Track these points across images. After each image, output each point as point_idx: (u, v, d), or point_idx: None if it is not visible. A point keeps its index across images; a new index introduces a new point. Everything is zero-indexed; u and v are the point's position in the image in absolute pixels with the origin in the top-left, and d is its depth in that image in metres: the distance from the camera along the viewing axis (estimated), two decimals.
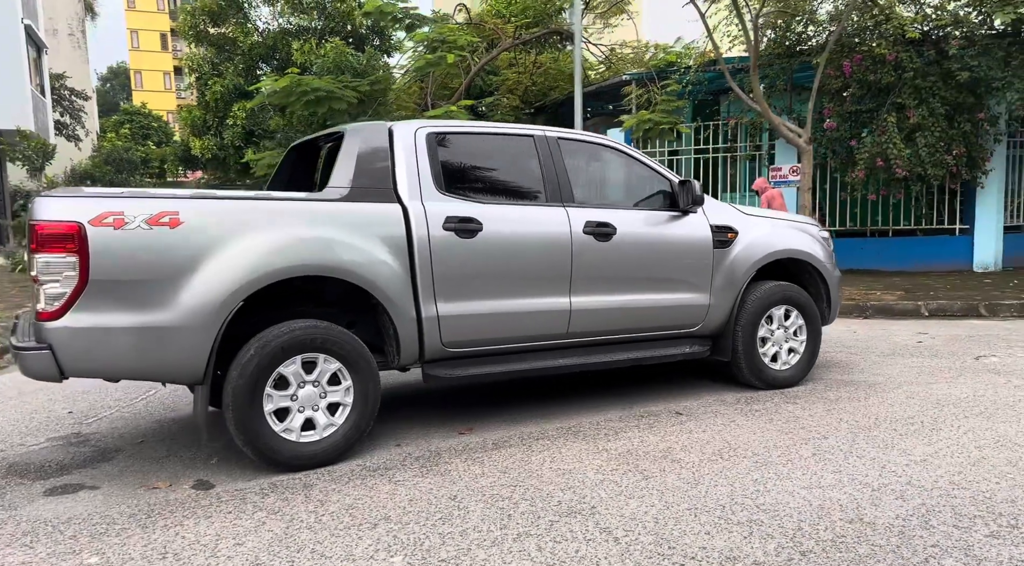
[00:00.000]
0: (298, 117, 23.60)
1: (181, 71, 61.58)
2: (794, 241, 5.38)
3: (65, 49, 38.59)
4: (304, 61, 24.45)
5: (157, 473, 3.95)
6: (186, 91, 29.81)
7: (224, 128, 25.31)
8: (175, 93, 62.34)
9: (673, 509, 3.27)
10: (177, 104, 61.17)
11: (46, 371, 3.45)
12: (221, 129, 25.49)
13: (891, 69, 11.25)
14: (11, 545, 3.11)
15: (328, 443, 3.96)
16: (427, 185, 4.27)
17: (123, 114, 45.00)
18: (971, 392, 5.11)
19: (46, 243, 3.39)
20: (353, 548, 3.00)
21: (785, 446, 4.07)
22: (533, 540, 3.01)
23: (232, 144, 25.00)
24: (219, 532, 3.19)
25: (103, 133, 40.73)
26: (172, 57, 62.61)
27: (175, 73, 62.64)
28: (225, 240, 3.69)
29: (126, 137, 39.97)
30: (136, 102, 49.25)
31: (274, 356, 3.79)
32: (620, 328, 4.82)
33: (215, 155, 25.47)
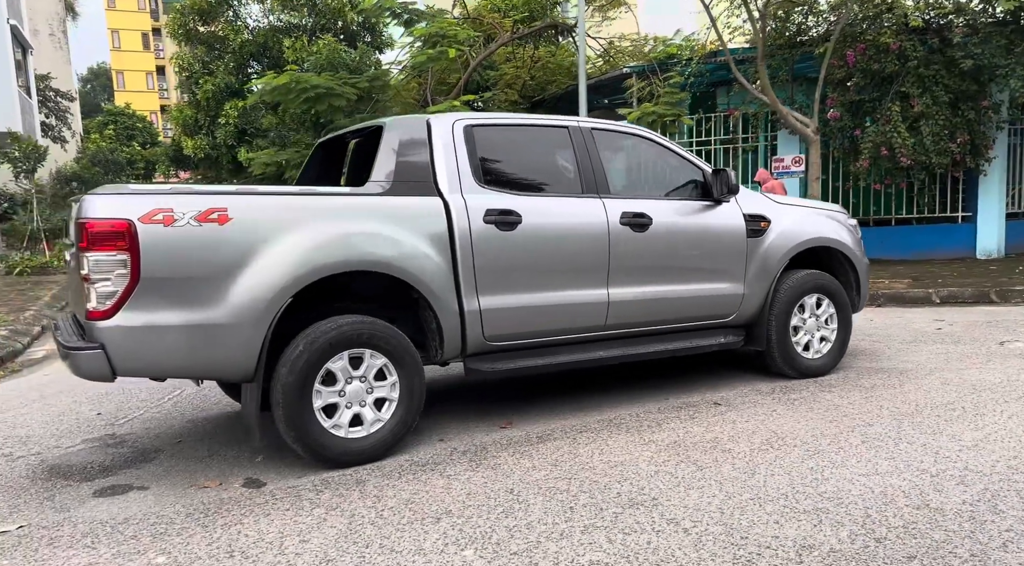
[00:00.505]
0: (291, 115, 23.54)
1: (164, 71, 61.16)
2: (825, 229, 5.38)
3: (47, 50, 38.19)
4: (296, 58, 24.29)
5: (204, 472, 3.91)
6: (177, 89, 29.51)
7: (216, 127, 25.14)
8: (158, 93, 61.86)
9: (735, 499, 3.26)
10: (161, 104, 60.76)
11: (98, 371, 3.40)
12: (213, 128, 25.32)
13: (894, 58, 11.28)
14: (73, 546, 3.06)
15: (376, 438, 3.93)
16: (466, 178, 4.24)
17: (107, 115, 44.56)
18: (1004, 377, 5.13)
19: (96, 241, 3.33)
20: (421, 542, 2.97)
21: (832, 434, 4.07)
22: (601, 532, 2.99)
23: (225, 143, 24.85)
24: (281, 529, 3.15)
25: (87, 134, 40.36)
26: (154, 57, 62.09)
27: (158, 73, 62.15)
28: (273, 236, 3.65)
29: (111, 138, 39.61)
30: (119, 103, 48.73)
31: (322, 352, 3.75)
32: (656, 319, 4.80)
33: (208, 154, 25.32)
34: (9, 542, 3.14)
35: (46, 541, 3.13)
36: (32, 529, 3.26)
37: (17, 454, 4.36)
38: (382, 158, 4.17)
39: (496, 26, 15.93)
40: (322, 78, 13.96)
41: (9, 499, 3.63)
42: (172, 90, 60.70)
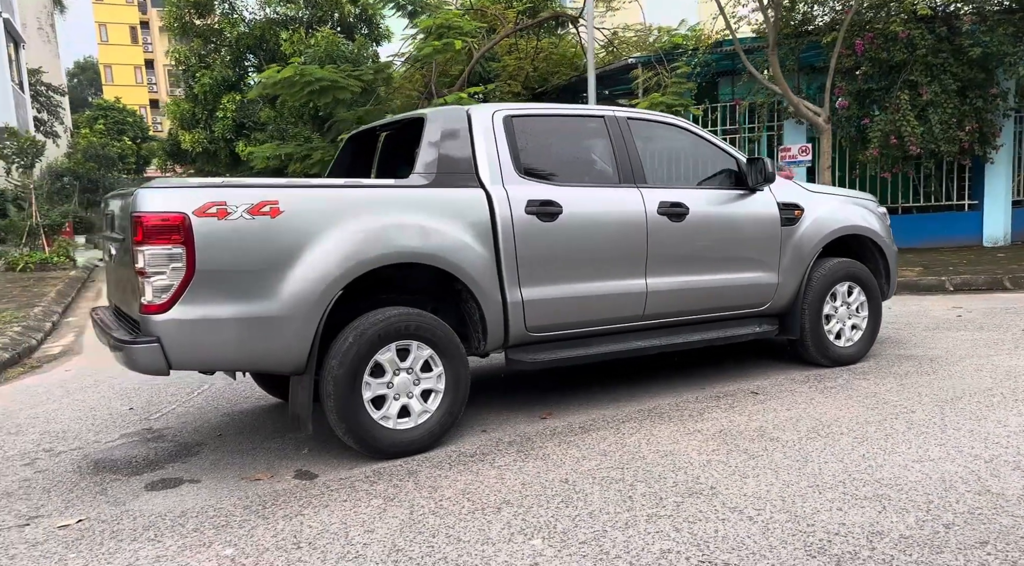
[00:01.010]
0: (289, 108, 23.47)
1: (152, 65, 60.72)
2: (857, 217, 5.39)
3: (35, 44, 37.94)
4: (293, 51, 24.17)
5: (252, 465, 3.90)
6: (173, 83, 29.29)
7: (214, 121, 25.04)
8: (147, 87, 61.41)
9: (793, 487, 3.27)
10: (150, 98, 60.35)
11: (154, 364, 3.38)
12: (211, 122, 25.21)
13: (903, 47, 11.28)
14: (137, 539, 3.05)
15: (424, 429, 3.92)
16: (507, 169, 4.22)
17: (96, 109, 44.24)
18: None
19: (152, 235, 3.31)
20: (487, 532, 2.97)
21: (877, 421, 4.08)
22: (666, 521, 2.99)
23: (223, 137, 24.76)
24: (343, 520, 3.15)
25: (76, 129, 40.09)
26: (143, 50, 61.59)
27: (146, 67, 61.67)
28: (323, 228, 3.64)
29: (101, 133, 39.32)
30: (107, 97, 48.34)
31: (371, 344, 3.75)
32: (693, 309, 4.81)
33: (205, 148, 25.19)
34: (72, 535, 3.13)
35: (108, 534, 3.12)
36: (92, 522, 3.25)
37: (58, 449, 4.34)
38: (425, 150, 4.15)
39: (499, 17, 15.86)
40: (326, 71, 13.89)
41: (62, 493, 3.62)
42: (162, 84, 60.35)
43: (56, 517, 3.34)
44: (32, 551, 3.00)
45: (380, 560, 2.80)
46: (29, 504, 3.50)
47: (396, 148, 5.25)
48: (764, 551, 2.71)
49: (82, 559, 2.92)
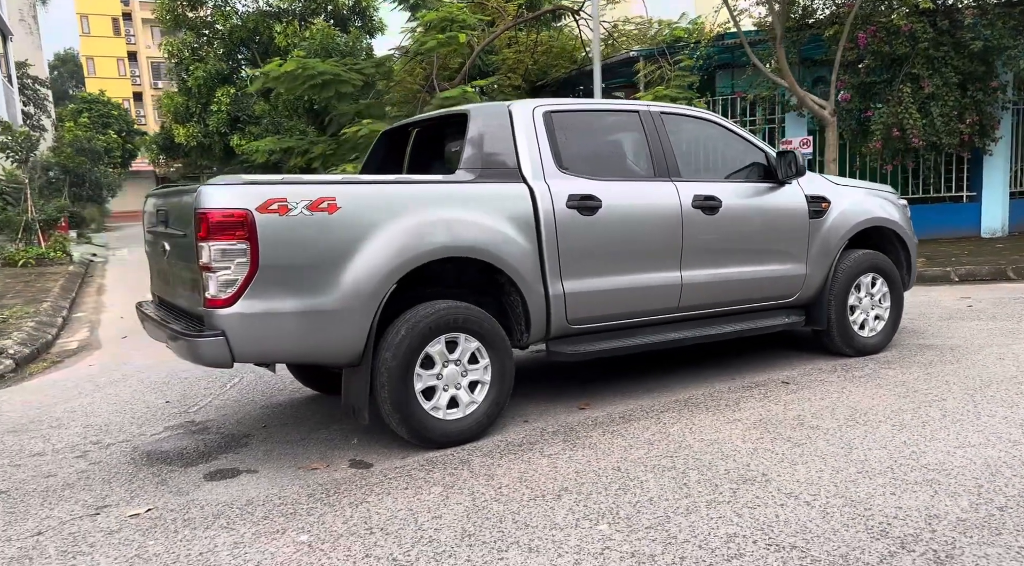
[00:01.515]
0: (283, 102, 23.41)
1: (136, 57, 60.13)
2: (880, 209, 5.50)
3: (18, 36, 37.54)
4: (287, 44, 24.14)
5: (304, 455, 3.97)
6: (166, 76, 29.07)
7: (208, 114, 24.99)
8: (131, 80, 60.82)
9: (843, 473, 3.37)
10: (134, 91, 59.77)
11: (219, 357, 3.46)
12: (204, 115, 25.15)
13: (905, 40, 11.41)
14: (210, 527, 3.12)
15: (472, 420, 4.01)
16: (548, 163, 4.29)
17: (80, 102, 43.86)
18: None
19: (216, 231, 3.38)
20: (552, 517, 3.06)
21: (911, 409, 4.19)
22: (726, 507, 3.09)
23: (217, 130, 24.71)
24: (408, 507, 3.23)
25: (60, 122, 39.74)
26: (126, 42, 60.94)
27: (130, 59, 61.03)
28: (378, 224, 3.71)
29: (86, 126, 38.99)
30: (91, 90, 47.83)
31: (423, 336, 3.82)
32: (725, 300, 4.90)
33: (200, 142, 25.11)
34: (144, 524, 3.19)
35: (181, 522, 3.19)
36: (161, 511, 3.31)
37: (106, 441, 4.38)
38: (469, 146, 4.22)
39: (499, 10, 15.88)
40: (328, 64, 13.87)
41: (122, 484, 3.67)
42: (145, 77, 59.80)
43: (123, 506, 3.40)
44: (110, 539, 3.07)
45: (453, 544, 2.88)
46: (93, 494, 3.56)
47: (427, 144, 5.31)
48: (828, 534, 2.80)
49: (160, 546, 2.98)
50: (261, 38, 24.80)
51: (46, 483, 3.76)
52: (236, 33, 24.95)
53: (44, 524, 3.26)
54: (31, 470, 3.97)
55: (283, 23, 24.98)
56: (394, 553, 2.85)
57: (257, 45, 25.25)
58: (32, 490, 3.67)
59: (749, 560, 2.65)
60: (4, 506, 3.48)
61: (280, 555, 2.88)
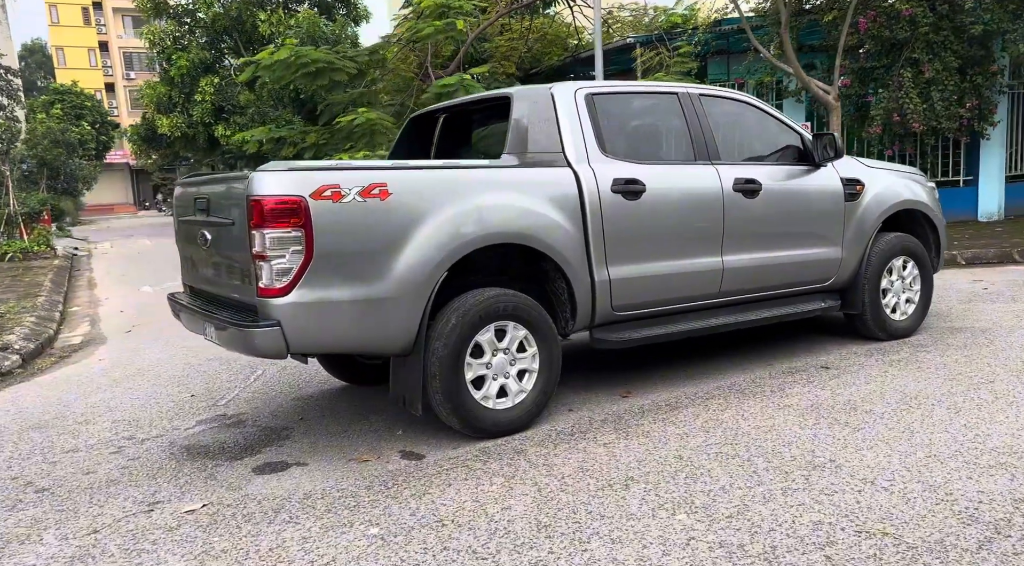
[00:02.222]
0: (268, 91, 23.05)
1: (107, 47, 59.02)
2: (912, 192, 5.46)
3: None
4: (272, 32, 23.77)
5: (351, 447, 3.87)
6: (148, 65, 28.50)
7: (191, 104, 24.56)
8: (102, 70, 59.77)
9: (912, 458, 3.32)
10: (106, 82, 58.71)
11: (274, 348, 3.35)
12: (188, 106, 24.73)
13: (905, 24, 11.42)
14: (273, 522, 3.03)
15: (521, 409, 3.92)
16: (591, 147, 4.20)
17: (52, 93, 43.02)
18: None
19: (271, 219, 3.27)
20: (626, 507, 2.98)
21: (961, 393, 4.16)
22: (803, 494, 3.03)
23: (201, 121, 24.31)
24: (474, 498, 3.15)
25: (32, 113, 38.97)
26: (96, 32, 59.81)
27: (101, 49, 59.94)
28: (429, 210, 3.61)
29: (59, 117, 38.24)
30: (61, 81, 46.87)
31: (473, 325, 3.73)
32: (764, 285, 4.85)
33: (184, 133, 24.69)
34: (203, 520, 3.08)
35: (241, 517, 3.09)
36: (218, 507, 3.21)
37: (139, 436, 4.25)
38: (514, 130, 4.12)
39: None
40: (321, 52, 13.65)
41: (169, 479, 3.56)
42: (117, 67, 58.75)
43: (176, 502, 3.29)
44: (171, 536, 2.96)
45: (531, 536, 2.80)
46: (141, 491, 3.44)
47: (454, 130, 5.21)
48: (916, 520, 2.75)
49: (226, 542, 2.88)
50: (245, 26, 24.34)
51: (88, 480, 3.63)
52: (219, 21, 24.47)
53: (98, 522, 3.14)
54: (68, 466, 3.83)
55: (267, 11, 24.56)
56: (472, 545, 2.76)
57: (240, 33, 24.81)
58: (75, 487, 3.54)
59: (842, 547, 2.59)
60: (51, 504, 3.35)
61: (354, 549, 2.79)
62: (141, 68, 59.36)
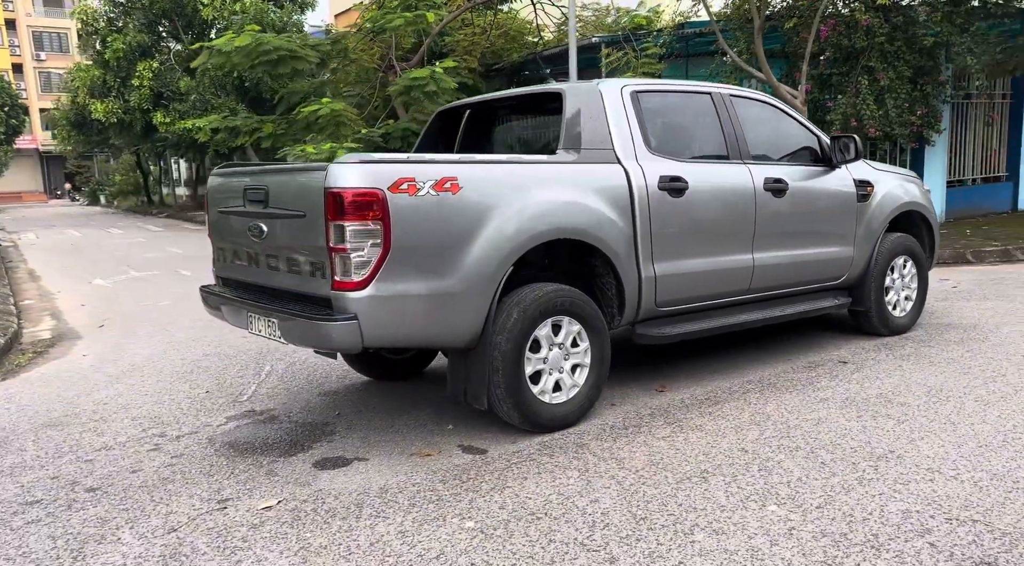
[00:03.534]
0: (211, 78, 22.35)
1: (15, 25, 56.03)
2: (914, 193, 5.70)
3: None
4: (215, 17, 23.07)
5: (406, 442, 3.84)
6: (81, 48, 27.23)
7: (128, 89, 23.62)
8: (9, 50, 56.77)
9: (966, 448, 3.48)
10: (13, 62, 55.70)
11: (350, 342, 3.30)
12: (124, 90, 23.76)
13: (863, 34, 11.86)
14: (360, 517, 3.00)
15: (575, 403, 3.95)
16: (639, 144, 4.25)
17: None
18: None
19: (350, 211, 3.21)
20: (715, 499, 3.04)
21: (982, 385, 4.37)
22: (879, 483, 3.14)
23: (139, 107, 23.39)
24: (557, 491, 3.17)
25: None
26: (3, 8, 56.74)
27: (7, 27, 56.90)
28: (496, 204, 3.61)
29: None
30: None
31: (533, 320, 3.74)
32: (787, 282, 4.99)
33: (120, 119, 23.71)
34: (284, 516, 3.02)
35: (324, 512, 3.04)
36: (295, 503, 3.15)
37: (171, 434, 4.10)
38: (567, 126, 4.13)
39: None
40: (283, 40, 13.35)
41: (226, 476, 3.46)
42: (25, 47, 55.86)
43: (246, 499, 3.20)
44: (259, 533, 2.88)
45: (632, 528, 2.83)
46: (202, 488, 3.34)
47: (480, 125, 5.19)
48: (996, 508, 2.89)
49: (323, 538, 2.83)
50: (185, 9, 23.55)
51: (138, 478, 3.49)
52: (158, 3, 23.59)
53: (172, 520, 3.03)
54: (108, 465, 3.67)
55: None
56: (576, 537, 2.78)
57: (180, 17, 24.00)
58: (129, 486, 3.40)
59: (940, 534, 2.70)
60: (111, 503, 3.21)
61: (457, 542, 2.77)
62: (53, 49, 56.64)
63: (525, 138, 5.19)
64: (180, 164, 40.70)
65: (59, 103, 32.01)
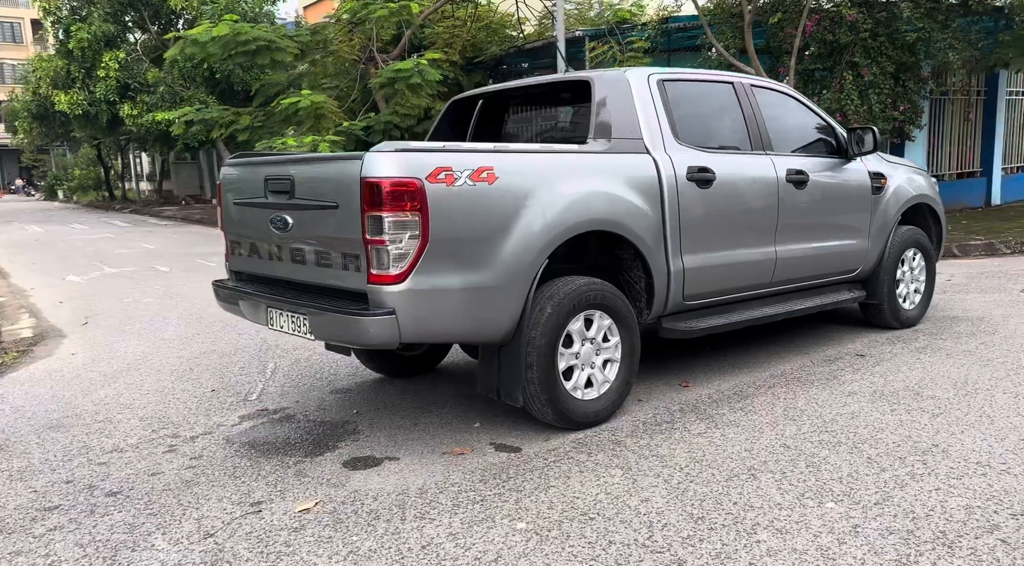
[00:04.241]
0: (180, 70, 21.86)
1: None
2: (923, 186, 5.69)
3: None
4: (182, 6, 22.55)
5: (435, 441, 3.72)
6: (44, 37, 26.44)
7: (93, 80, 22.99)
8: None
9: (1008, 441, 3.44)
10: None
11: (387, 337, 3.16)
12: (90, 82, 23.13)
13: (847, 29, 11.93)
14: (404, 519, 2.89)
15: (607, 399, 3.85)
16: (666, 134, 4.16)
17: None
18: None
19: (389, 202, 3.06)
20: (770, 497, 2.96)
21: (1006, 377, 4.35)
22: (931, 479, 3.08)
23: (105, 98, 22.78)
24: (605, 491, 3.09)
25: None
26: None
27: None
28: (531, 195, 3.49)
29: None
30: None
31: (567, 314, 3.63)
32: (807, 275, 4.94)
33: (86, 111, 23.06)
34: (324, 519, 2.90)
35: (367, 514, 2.93)
36: (333, 504, 3.03)
37: (185, 434, 3.93)
38: (597, 115, 4.02)
39: None
40: (262, 30, 13.04)
41: (253, 478, 3.31)
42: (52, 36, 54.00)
43: (279, 501, 3.07)
44: (301, 537, 2.75)
45: (692, 528, 2.74)
46: (230, 490, 3.19)
47: (492, 114, 5.06)
48: None
49: (370, 541, 2.72)
50: None
51: (159, 482, 3.32)
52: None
53: (205, 524, 2.87)
54: (124, 468, 3.49)
55: None
56: (636, 538, 2.68)
57: (147, 6, 23.42)
58: (150, 489, 3.23)
59: (1009, 531, 2.65)
60: (135, 508, 3.04)
61: (513, 544, 2.66)
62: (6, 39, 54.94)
63: (542, 128, 5.06)
64: (142, 158, 39.85)
65: (13, 95, 31.08)
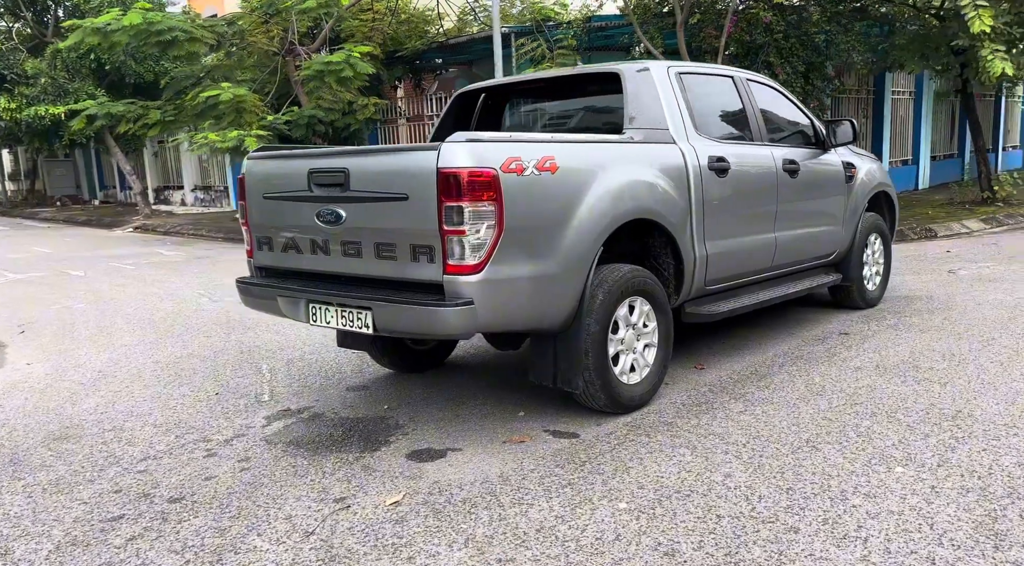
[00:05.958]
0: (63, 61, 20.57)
1: None
2: (883, 175, 6.08)
3: None
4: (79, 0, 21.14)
5: (488, 430, 3.73)
6: None
7: None
8: None
9: (1019, 404, 3.74)
10: None
11: (464, 327, 3.18)
12: None
13: (763, 31, 12.53)
14: (504, 505, 2.85)
15: (648, 383, 3.95)
16: (688, 125, 4.29)
17: None
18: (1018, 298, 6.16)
19: (467, 192, 3.05)
20: (842, 465, 3.12)
21: (980, 348, 4.72)
22: (975, 441, 3.32)
23: None
24: (683, 468, 3.19)
25: None
26: None
27: None
28: (588, 185, 3.57)
29: None
30: None
31: (616, 301, 3.70)
32: (798, 259, 5.20)
33: None
34: (422, 510, 2.87)
35: (460, 503, 2.96)
36: (421, 495, 3.03)
37: (216, 438, 3.76)
38: (630, 106, 4.10)
39: None
40: (179, 20, 12.47)
41: (320, 476, 3.25)
42: None
43: (362, 496, 3.03)
44: (407, 529, 2.74)
45: (788, 499, 2.86)
46: (302, 490, 3.12)
47: (494, 108, 5.08)
48: None
49: (485, 528, 2.74)
50: None
51: (221, 485, 3.18)
52: None
53: (299, 523, 2.79)
54: (170, 475, 3.32)
55: None
56: (741, 510, 2.78)
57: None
58: (215, 493, 3.09)
59: None
60: (211, 513, 2.91)
61: (625, 522, 2.72)
62: None
63: (553, 120, 5.11)
64: (2, 156, 36.98)
65: None
